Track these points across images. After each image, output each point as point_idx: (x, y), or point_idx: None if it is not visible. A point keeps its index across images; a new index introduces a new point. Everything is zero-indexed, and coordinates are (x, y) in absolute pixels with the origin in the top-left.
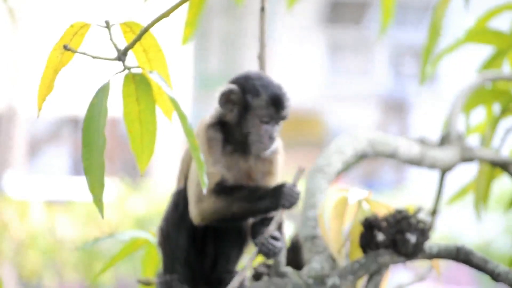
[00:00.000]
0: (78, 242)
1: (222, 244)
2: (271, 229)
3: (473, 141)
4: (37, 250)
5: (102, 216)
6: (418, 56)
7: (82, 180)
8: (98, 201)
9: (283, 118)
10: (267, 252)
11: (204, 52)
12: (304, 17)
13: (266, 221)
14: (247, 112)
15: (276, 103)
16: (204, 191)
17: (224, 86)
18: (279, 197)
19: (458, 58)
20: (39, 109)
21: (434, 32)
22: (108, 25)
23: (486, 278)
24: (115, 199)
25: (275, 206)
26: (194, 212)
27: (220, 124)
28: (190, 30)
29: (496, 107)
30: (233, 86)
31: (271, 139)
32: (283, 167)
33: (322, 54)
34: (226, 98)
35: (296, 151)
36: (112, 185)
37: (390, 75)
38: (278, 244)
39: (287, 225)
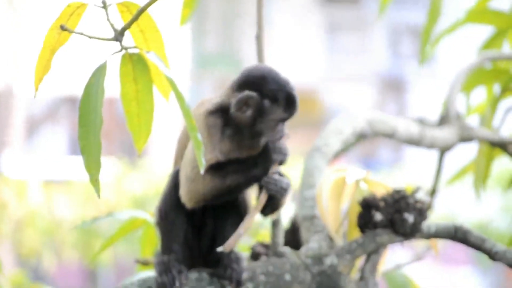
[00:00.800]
0: (76, 222)
1: (220, 225)
2: (275, 170)
3: (473, 121)
4: (36, 230)
5: (99, 196)
6: (416, 36)
7: (79, 159)
8: (94, 180)
9: (293, 117)
10: (276, 189)
11: (202, 32)
12: None
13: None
14: (262, 114)
15: (293, 107)
16: (202, 171)
17: (241, 93)
18: (269, 155)
19: (456, 38)
20: (36, 89)
21: (434, 12)
22: (105, 5)
23: (484, 257)
24: (113, 178)
25: (268, 166)
26: (187, 194)
27: (221, 111)
28: (188, 10)
29: (497, 87)
30: (251, 93)
31: (283, 137)
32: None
33: (320, 34)
34: (243, 104)
35: (294, 131)
36: (110, 164)
37: (388, 55)
38: (285, 180)
39: (287, 205)
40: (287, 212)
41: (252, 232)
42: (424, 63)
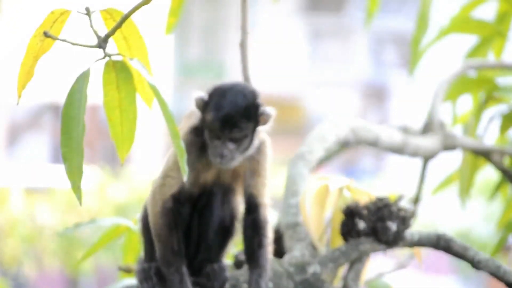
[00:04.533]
0: (58, 229)
1: (205, 232)
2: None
3: (459, 130)
4: (17, 238)
5: (81, 203)
6: (399, 43)
7: (62, 167)
8: (76, 188)
9: (231, 138)
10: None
11: (185, 39)
12: (285, 5)
13: (257, 228)
14: (204, 123)
15: (222, 122)
16: (185, 178)
17: (200, 91)
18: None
19: (440, 46)
20: (19, 96)
21: (422, 21)
22: (88, 12)
23: (467, 266)
24: (95, 186)
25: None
26: (148, 203)
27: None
28: (174, 19)
29: (481, 96)
30: (202, 96)
31: (224, 156)
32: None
33: (303, 41)
34: (197, 105)
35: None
36: (92, 172)
37: (371, 62)
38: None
39: (271, 214)
40: (272, 221)
41: (236, 241)
42: (413, 73)
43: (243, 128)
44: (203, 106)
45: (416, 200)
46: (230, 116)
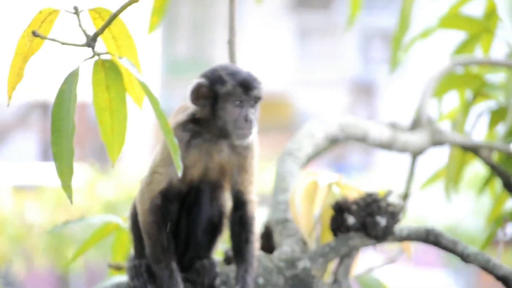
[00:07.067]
0: (47, 227)
1: (194, 229)
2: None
3: (446, 127)
4: (6, 236)
5: (71, 202)
6: (387, 40)
7: (51, 165)
8: (67, 186)
9: (255, 98)
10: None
11: (173, 37)
12: (273, 2)
13: (244, 225)
14: (218, 102)
15: (244, 84)
16: (179, 173)
17: (192, 82)
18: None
19: (427, 43)
20: (9, 97)
21: (404, 20)
22: (77, 11)
23: (456, 259)
24: (85, 184)
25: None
26: (137, 199)
27: (193, 121)
28: (157, 18)
29: (469, 93)
30: (201, 80)
31: (249, 121)
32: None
33: (292, 39)
34: (196, 94)
35: (266, 135)
36: (82, 170)
37: (359, 59)
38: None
39: (259, 211)
40: (260, 217)
41: (226, 237)
42: (394, 71)
43: (259, 90)
44: (209, 87)
45: (405, 196)
46: (249, 76)
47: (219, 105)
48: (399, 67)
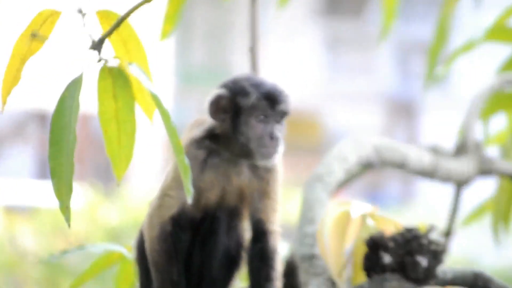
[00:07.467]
0: (42, 255)
1: (208, 262)
2: None
3: (492, 152)
4: None
5: (69, 225)
6: (427, 52)
7: (47, 184)
8: (65, 208)
9: (281, 113)
10: None
11: (187, 43)
12: (299, 7)
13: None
14: (240, 116)
15: (269, 97)
16: (189, 200)
17: (211, 93)
18: None
19: (473, 57)
20: (4, 102)
21: (442, 31)
22: (81, 12)
23: None
24: (85, 207)
25: None
26: (145, 225)
27: (210, 137)
28: (170, 24)
29: None
30: (221, 91)
31: (274, 139)
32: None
33: (319, 48)
34: (216, 106)
35: (291, 157)
36: (81, 190)
37: (396, 73)
38: None
39: (281, 244)
40: (282, 251)
41: (243, 275)
42: (430, 87)
43: (286, 104)
44: (231, 100)
45: (448, 232)
46: (276, 88)
47: (241, 119)
48: (442, 83)
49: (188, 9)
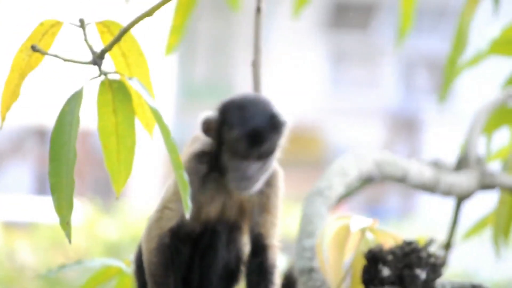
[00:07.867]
0: (40, 270)
1: (208, 276)
2: None
3: (495, 167)
4: None
5: (70, 241)
6: (432, 68)
7: (47, 200)
8: (65, 223)
9: (259, 155)
10: None
11: (190, 57)
12: (304, 21)
13: (264, 273)
14: (222, 144)
15: (252, 137)
16: (187, 215)
17: (204, 113)
18: None
19: (477, 71)
20: (3, 119)
21: (460, 41)
22: (82, 24)
23: None
24: (84, 222)
25: None
26: (143, 238)
27: (210, 152)
28: (175, 38)
29: None
30: (212, 115)
31: (249, 178)
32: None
33: (323, 62)
34: (206, 127)
35: (292, 172)
36: (81, 206)
37: (400, 88)
38: None
39: (280, 258)
40: (281, 265)
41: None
42: (445, 99)
43: (273, 141)
44: (218, 126)
45: (447, 246)
46: (258, 129)
47: (224, 147)
48: (446, 98)
49: (191, 23)
